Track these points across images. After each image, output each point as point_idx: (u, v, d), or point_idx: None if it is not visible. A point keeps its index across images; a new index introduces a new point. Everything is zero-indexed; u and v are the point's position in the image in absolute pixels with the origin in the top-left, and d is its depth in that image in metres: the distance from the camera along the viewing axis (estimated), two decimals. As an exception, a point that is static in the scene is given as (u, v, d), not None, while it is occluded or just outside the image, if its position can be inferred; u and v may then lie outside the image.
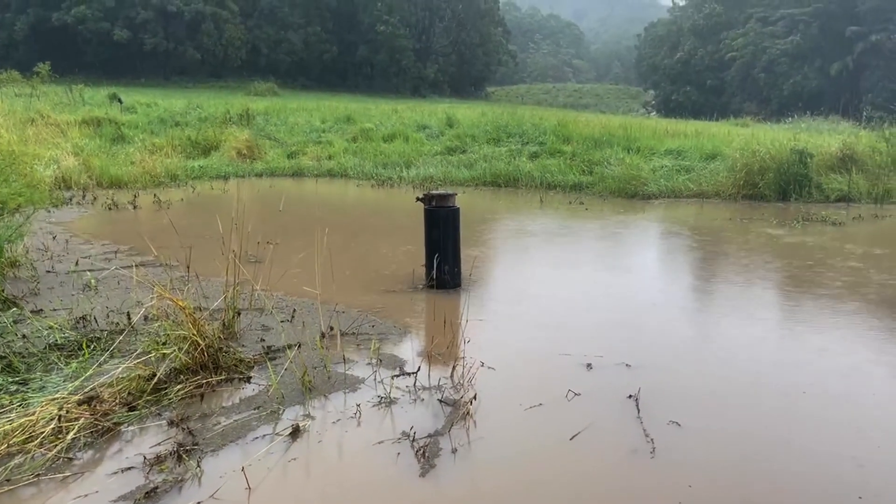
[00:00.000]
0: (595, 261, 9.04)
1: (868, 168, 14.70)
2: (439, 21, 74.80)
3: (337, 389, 4.44)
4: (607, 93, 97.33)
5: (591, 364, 4.93)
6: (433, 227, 6.99)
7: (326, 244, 6.52)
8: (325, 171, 18.70)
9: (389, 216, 12.71)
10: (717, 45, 75.68)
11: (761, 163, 14.47)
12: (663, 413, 4.13)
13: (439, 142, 21.00)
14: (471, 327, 5.71)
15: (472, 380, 4.48)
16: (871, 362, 5.04)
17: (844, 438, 3.86)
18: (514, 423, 4.04)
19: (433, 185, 16.47)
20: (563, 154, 18.12)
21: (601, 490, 3.38)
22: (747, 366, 5.00)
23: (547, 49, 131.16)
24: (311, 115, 25.86)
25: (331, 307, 5.97)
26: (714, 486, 3.39)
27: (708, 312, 6.63)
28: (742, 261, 8.66)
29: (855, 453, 3.67)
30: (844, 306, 6.49)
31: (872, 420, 4.08)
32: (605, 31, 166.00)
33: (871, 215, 12.23)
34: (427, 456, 3.58)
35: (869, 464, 3.56)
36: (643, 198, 14.56)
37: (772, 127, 31.06)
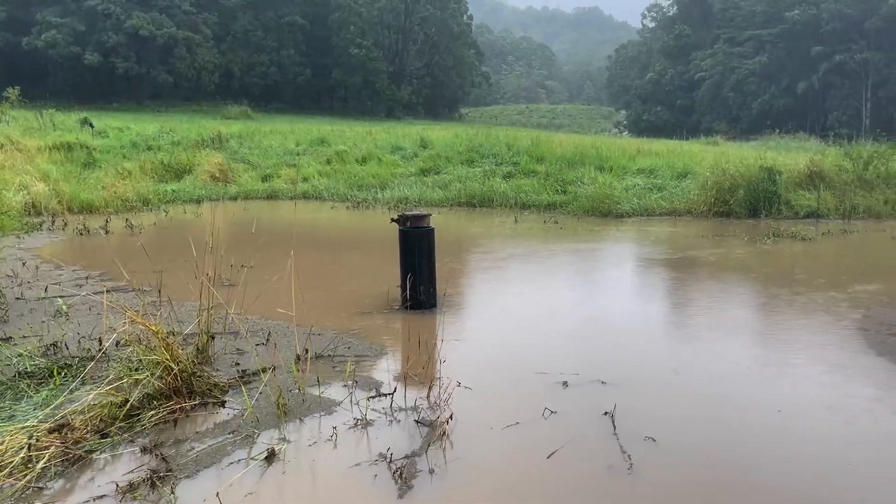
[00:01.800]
0: (570, 279, 9.10)
1: (835, 184, 15.02)
2: (412, 43, 75.37)
3: (313, 412, 4.41)
4: (580, 113, 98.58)
5: (567, 382, 4.94)
6: (408, 247, 7.00)
7: (302, 266, 6.50)
8: (300, 194, 18.66)
9: (365, 237, 12.70)
10: (686, 66, 77.12)
11: (731, 181, 14.73)
12: (639, 429, 4.15)
13: (413, 163, 21.09)
14: (447, 347, 5.70)
15: (448, 400, 4.47)
16: (845, 378, 5.11)
17: (819, 456, 3.90)
18: (491, 442, 4.03)
19: (408, 206, 16.51)
20: (537, 174, 18.29)
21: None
22: (722, 382, 5.05)
23: (520, 70, 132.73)
24: (284, 138, 25.83)
25: (306, 330, 5.94)
26: (691, 501, 3.41)
27: (682, 329, 6.70)
28: (715, 278, 8.77)
29: (829, 472, 3.71)
30: (818, 322, 6.60)
31: (847, 438, 4.14)
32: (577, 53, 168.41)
33: (840, 230, 12.47)
34: (405, 477, 3.56)
35: (842, 482, 3.60)
36: (617, 216, 14.71)
37: (741, 145, 31.68)
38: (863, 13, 63.83)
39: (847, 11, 64.42)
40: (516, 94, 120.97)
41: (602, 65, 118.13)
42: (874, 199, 14.43)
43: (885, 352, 5.50)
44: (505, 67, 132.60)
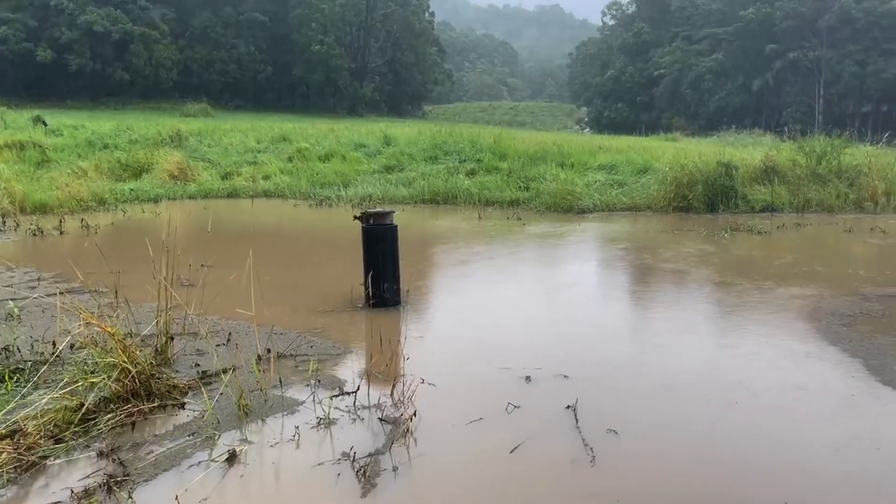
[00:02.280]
0: (533, 275, 9.16)
1: (789, 179, 15.35)
2: (374, 41, 74.98)
3: (275, 412, 4.36)
4: (542, 110, 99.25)
5: (531, 376, 4.97)
6: (371, 245, 6.96)
7: (264, 265, 6.43)
8: (261, 192, 18.43)
9: (327, 235, 12.60)
10: (645, 63, 78.15)
11: (690, 176, 14.95)
12: (601, 422, 4.19)
13: (377, 160, 21.00)
14: (410, 344, 5.71)
15: (412, 397, 4.46)
16: (798, 368, 5.23)
17: (775, 443, 3.98)
18: (454, 438, 4.04)
19: (371, 203, 16.43)
20: (500, 171, 18.35)
21: (542, 500, 3.40)
22: (681, 374, 5.13)
23: (482, 68, 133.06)
24: (245, 136, 25.49)
25: (268, 329, 5.87)
26: (652, 492, 3.46)
27: (643, 323, 6.78)
28: (675, 272, 8.90)
29: (785, 457, 3.79)
30: (773, 315, 6.74)
31: (805, 427, 4.23)
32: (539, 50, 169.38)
33: (794, 224, 12.75)
34: (368, 476, 3.55)
35: (800, 470, 3.68)
36: (578, 212, 14.84)
37: (700, 141, 32.20)
38: (815, 12, 65.37)
39: (800, 10, 65.92)
40: (479, 91, 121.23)
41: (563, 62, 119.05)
42: (827, 193, 14.78)
43: (837, 341, 5.65)
44: (467, 65, 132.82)
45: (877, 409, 4.36)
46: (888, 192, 14.81)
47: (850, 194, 14.81)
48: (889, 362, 5.11)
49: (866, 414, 4.30)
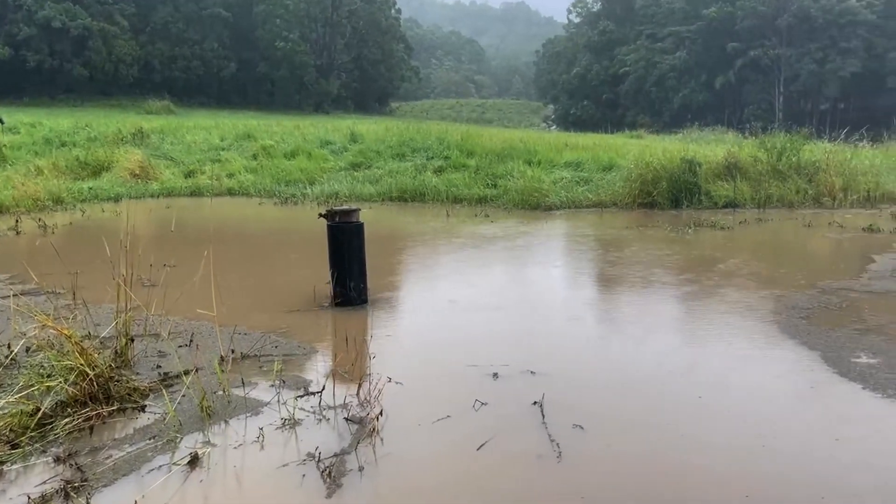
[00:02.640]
0: (500, 272, 9.17)
1: (751, 175, 15.61)
2: (340, 37, 74.48)
3: (238, 414, 4.29)
4: (509, 107, 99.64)
5: (498, 373, 4.97)
6: (337, 243, 6.91)
7: (229, 265, 6.33)
8: (225, 190, 18.19)
9: (293, 234, 12.47)
10: (611, 61, 78.87)
11: (654, 173, 15.12)
12: (567, 418, 4.20)
13: (343, 158, 20.86)
14: (377, 343, 5.67)
15: (378, 396, 4.43)
16: (760, 361, 5.30)
17: (739, 436, 4.03)
18: (421, 436, 4.02)
19: (338, 201, 16.32)
20: (468, 168, 18.36)
21: (510, 498, 3.40)
22: (647, 369, 5.17)
23: (449, 65, 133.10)
24: (209, 133, 25.11)
25: (232, 330, 5.78)
26: (617, 486, 3.47)
27: (609, 319, 6.83)
28: (640, 268, 8.98)
29: (748, 454, 3.84)
30: (736, 309, 6.84)
31: (766, 420, 4.29)
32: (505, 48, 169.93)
33: (756, 219, 12.97)
34: (333, 476, 3.51)
35: (761, 463, 3.73)
36: (545, 209, 14.92)
37: (664, 138, 32.57)
38: (775, 10, 66.62)
39: (760, 9, 67.11)
40: (446, 88, 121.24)
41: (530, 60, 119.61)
42: (787, 189, 15.07)
43: (796, 334, 5.75)
44: (434, 62, 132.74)
45: (835, 401, 4.44)
46: (845, 187, 15.14)
47: (809, 190, 15.11)
48: (845, 354, 5.22)
49: (825, 406, 4.38)
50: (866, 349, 5.33)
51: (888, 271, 8.21)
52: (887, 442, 3.87)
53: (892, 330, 5.84)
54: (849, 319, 6.19)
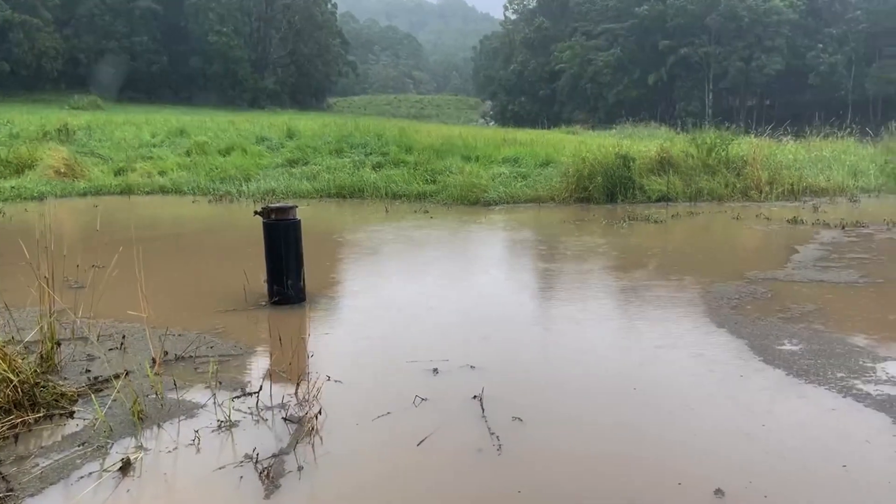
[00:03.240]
0: (440, 267, 9.19)
1: (682, 170, 16.06)
2: (275, 31, 73.31)
3: (172, 417, 4.18)
4: (447, 103, 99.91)
5: (438, 369, 4.98)
6: (273, 241, 6.80)
7: (162, 265, 6.16)
8: (158, 188, 17.70)
9: (229, 232, 12.23)
10: (547, 58, 79.94)
11: (590, 168, 15.41)
12: (507, 410, 4.24)
13: (280, 154, 20.56)
14: (316, 341, 5.62)
15: (317, 395, 4.38)
16: (692, 351, 5.46)
17: (673, 424, 4.14)
18: (361, 434, 4.00)
19: (275, 198, 16.08)
20: (407, 164, 18.34)
21: (449, 491, 3.41)
22: (584, 360, 5.27)
23: (387, 60, 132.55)
24: (139, 130, 24.41)
25: (167, 331, 5.63)
26: (556, 477, 3.53)
27: (548, 312, 6.92)
28: (578, 262, 9.14)
29: (681, 443, 3.95)
30: (668, 300, 7.02)
31: (699, 409, 4.42)
32: (443, 43, 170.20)
33: (687, 213, 13.36)
34: (272, 477, 3.46)
35: (694, 451, 3.85)
36: (484, 204, 15.03)
37: (599, 134, 33.23)
38: (704, 9, 68.68)
39: (690, 8, 69.09)
40: (384, 84, 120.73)
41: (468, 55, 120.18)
42: (717, 183, 15.56)
43: (725, 324, 5.95)
44: (372, 57, 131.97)
45: (761, 389, 4.61)
46: (771, 180, 15.75)
47: (738, 183, 15.65)
48: (770, 343, 5.42)
49: (752, 393, 4.54)
50: (790, 337, 5.55)
51: (811, 261, 8.58)
52: (811, 427, 4.04)
53: (813, 318, 6.11)
54: (774, 308, 6.43)
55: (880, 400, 4.30)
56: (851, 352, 5.17)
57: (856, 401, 4.30)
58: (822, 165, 17.24)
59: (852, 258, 8.75)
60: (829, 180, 16.34)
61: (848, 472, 3.46)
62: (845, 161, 17.58)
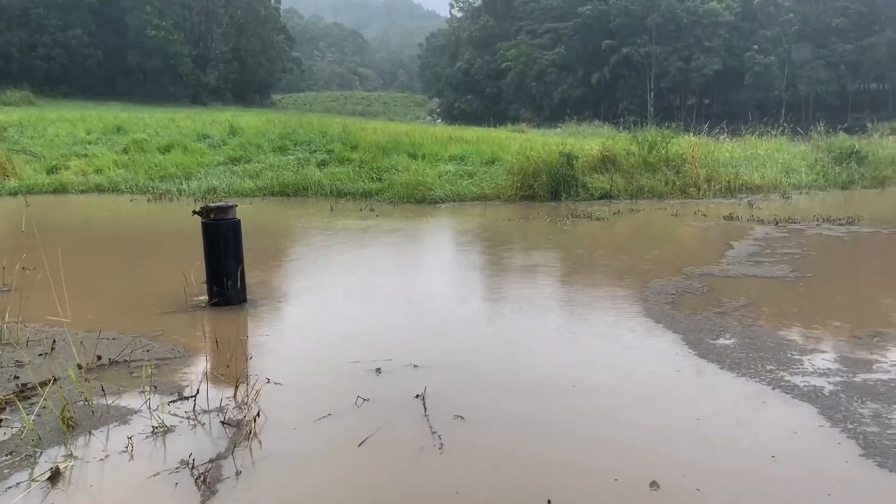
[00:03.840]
0: (385, 267, 9.15)
1: (624, 168, 16.36)
2: (217, 26, 71.83)
3: (104, 424, 4.06)
4: (394, 101, 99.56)
5: (381, 368, 4.96)
6: (213, 241, 6.66)
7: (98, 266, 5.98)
8: (93, 186, 17.17)
9: (168, 232, 11.94)
10: (493, 56, 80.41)
11: (535, 166, 15.57)
12: (449, 409, 4.25)
13: (222, 151, 20.15)
14: (257, 343, 5.54)
15: (256, 397, 4.32)
16: (630, 346, 5.58)
17: (610, 426, 4.21)
18: (301, 436, 3.95)
19: (216, 197, 15.76)
20: (352, 162, 18.20)
21: (389, 491, 3.40)
22: (526, 358, 5.32)
23: (332, 57, 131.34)
24: (74, 126, 23.61)
25: (99, 335, 5.46)
26: (497, 474, 3.55)
27: (491, 309, 6.97)
28: (522, 259, 9.23)
29: (617, 441, 4.02)
30: (608, 296, 7.15)
31: (636, 404, 4.51)
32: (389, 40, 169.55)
33: (628, 210, 13.62)
34: (208, 482, 3.39)
35: (630, 447, 3.92)
36: (430, 202, 15.04)
37: (545, 132, 33.57)
38: (645, 10, 70.10)
39: (632, 8, 70.41)
40: (330, 80, 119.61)
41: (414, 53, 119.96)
42: (657, 181, 15.91)
43: (662, 319, 6.09)
44: (317, 53, 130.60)
45: (696, 383, 4.73)
46: (709, 178, 16.18)
47: (677, 181, 16.02)
48: (703, 337, 5.57)
49: (688, 388, 4.65)
50: (723, 331, 5.71)
51: (745, 256, 8.85)
52: (742, 420, 4.15)
53: (746, 312, 6.30)
54: (709, 303, 6.61)
55: (807, 391, 4.46)
56: (781, 345, 5.36)
57: (784, 392, 4.46)
58: (757, 163, 17.79)
59: (784, 253, 9.06)
60: (764, 178, 16.88)
61: (776, 462, 3.58)
62: (778, 159, 18.18)
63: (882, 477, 3.43)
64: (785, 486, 3.38)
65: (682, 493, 3.30)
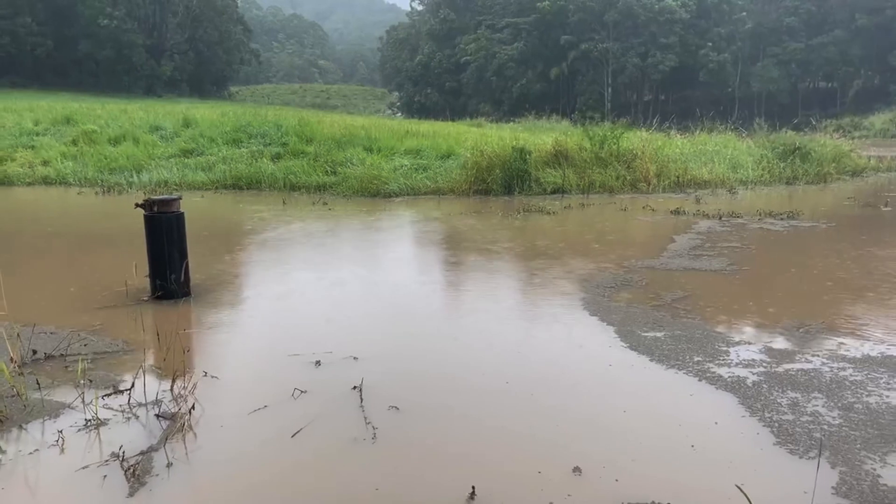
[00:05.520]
0: (334, 260, 9.17)
1: (576, 163, 16.57)
2: (172, 16, 70.50)
3: (35, 418, 4.05)
4: (354, 94, 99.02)
5: (320, 361, 5.02)
6: (155, 234, 6.63)
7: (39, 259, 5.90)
8: (40, 179, 16.81)
9: (114, 225, 11.74)
10: (453, 50, 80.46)
11: (489, 161, 15.70)
12: (385, 400, 4.33)
13: (174, 144, 19.87)
14: (196, 337, 5.55)
15: (192, 390, 4.34)
16: (569, 339, 5.72)
17: (539, 419, 4.33)
18: (235, 428, 3.99)
19: (167, 189, 15.57)
20: (307, 155, 18.11)
21: (320, 483, 3.46)
22: (461, 350, 5.42)
23: (291, 49, 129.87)
24: (21, 117, 23.04)
25: (38, 329, 5.41)
26: (430, 462, 3.64)
27: (436, 303, 7.04)
28: (472, 253, 9.33)
29: (550, 430, 4.14)
30: (552, 289, 7.30)
31: (564, 399, 4.65)
32: (349, 33, 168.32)
33: (580, 204, 13.84)
34: (138, 475, 3.41)
35: (557, 440, 4.04)
36: (385, 196, 15.07)
37: (502, 127, 33.76)
38: (603, 6, 70.84)
39: (589, 4, 71.08)
40: (289, 73, 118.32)
41: (374, 45, 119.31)
42: (608, 175, 16.16)
43: (598, 311, 6.25)
44: (276, 45, 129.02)
45: (626, 375, 4.88)
46: (659, 173, 16.49)
47: (628, 176, 16.29)
48: (635, 329, 5.74)
49: (618, 380, 4.79)
50: (656, 323, 5.89)
51: (686, 250, 9.09)
52: (668, 410, 4.31)
53: (680, 305, 6.50)
54: (645, 296, 6.80)
55: (731, 382, 4.64)
56: (709, 337, 5.55)
57: (709, 383, 4.63)
58: (706, 158, 18.18)
59: (724, 247, 9.33)
60: (712, 173, 17.26)
61: (695, 451, 3.72)
62: (726, 155, 18.61)
63: (792, 463, 3.60)
64: (700, 473, 3.52)
65: (602, 480, 3.42)
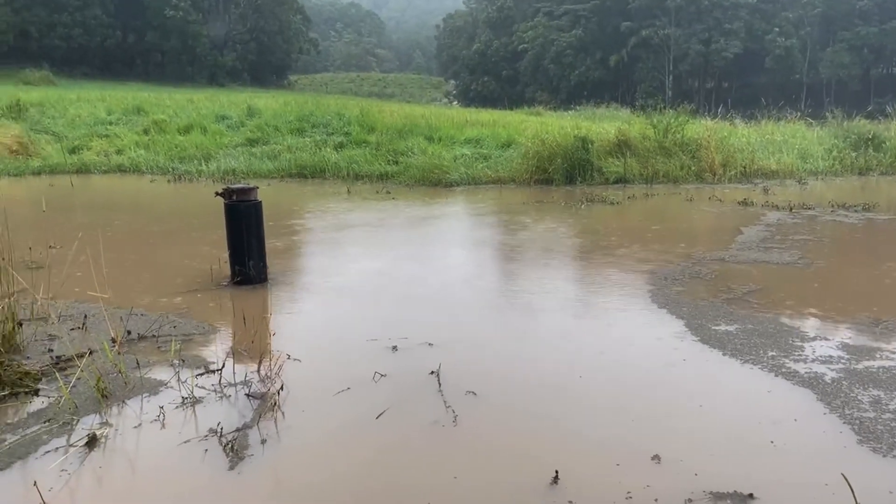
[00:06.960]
0: (401, 248, 9.35)
1: (639, 152, 16.38)
2: (234, 7, 71.91)
3: (136, 394, 4.30)
4: (410, 82, 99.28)
5: (397, 346, 5.16)
6: (235, 222, 6.88)
7: (122, 245, 6.21)
8: (115, 167, 17.48)
9: (189, 212, 12.19)
10: (510, 37, 79.90)
11: (550, 150, 15.65)
12: (462, 385, 4.44)
13: (240, 133, 20.41)
14: (278, 321, 5.76)
15: (279, 372, 4.53)
16: (638, 331, 5.73)
17: (617, 410, 4.39)
18: (321, 409, 4.17)
19: (235, 178, 16.02)
20: (369, 144, 18.39)
21: (405, 461, 3.59)
22: (537, 338, 5.50)
23: (349, 38, 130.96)
24: (94, 107, 23.92)
25: (130, 311, 5.71)
26: (507, 445, 3.74)
27: (505, 291, 7.13)
28: (536, 243, 9.38)
29: (622, 421, 4.20)
30: (618, 280, 7.30)
31: (637, 389, 4.69)
32: (406, 21, 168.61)
33: (643, 195, 13.70)
34: (236, 449, 3.61)
35: (635, 430, 4.10)
36: (446, 185, 15.19)
37: (561, 115, 33.44)
38: (664, -8, 69.26)
39: (651, -10, 69.60)
40: (346, 62, 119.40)
41: (431, 34, 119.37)
42: (672, 165, 15.93)
43: (667, 304, 6.22)
44: (334, 34, 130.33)
45: (700, 369, 4.86)
46: (724, 163, 16.17)
47: (693, 166, 16.03)
48: (706, 323, 5.68)
49: (692, 373, 4.79)
50: (728, 318, 5.84)
51: (755, 242, 8.94)
52: (744, 405, 4.29)
53: (751, 298, 6.42)
54: (716, 289, 6.74)
55: (808, 378, 4.57)
56: (783, 331, 5.46)
57: (785, 379, 4.56)
58: (773, 148, 17.73)
59: (795, 239, 9.14)
60: (780, 163, 16.84)
61: (775, 447, 3.69)
62: (795, 144, 18.10)
63: (876, 462, 3.55)
64: (780, 471, 3.51)
65: (681, 473, 3.43)
